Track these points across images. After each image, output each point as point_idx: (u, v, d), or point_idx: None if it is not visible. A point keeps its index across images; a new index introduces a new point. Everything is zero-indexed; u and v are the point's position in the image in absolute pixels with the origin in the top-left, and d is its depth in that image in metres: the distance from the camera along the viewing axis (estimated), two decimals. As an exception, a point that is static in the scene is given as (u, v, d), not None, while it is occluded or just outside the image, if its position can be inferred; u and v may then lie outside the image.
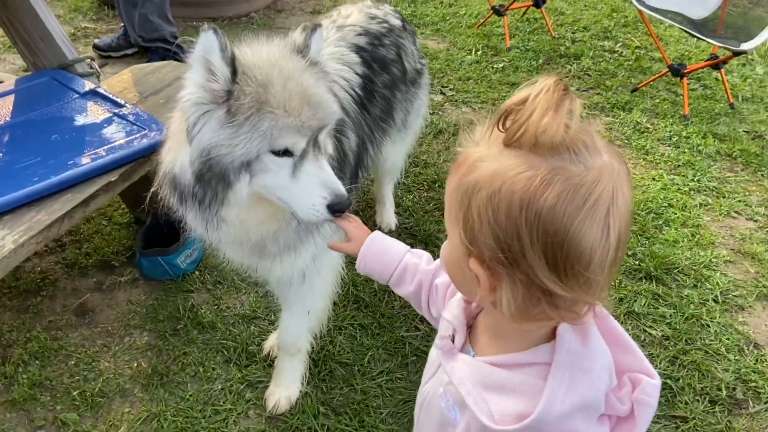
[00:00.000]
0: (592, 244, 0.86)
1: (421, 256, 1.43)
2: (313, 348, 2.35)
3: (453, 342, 1.11)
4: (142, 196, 2.91)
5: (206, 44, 1.50)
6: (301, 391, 2.29)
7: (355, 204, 3.32)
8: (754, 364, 2.54)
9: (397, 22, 2.51)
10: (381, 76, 2.28)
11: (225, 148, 1.55)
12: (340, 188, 1.59)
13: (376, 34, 2.35)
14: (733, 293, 2.86)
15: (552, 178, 0.85)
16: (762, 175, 3.68)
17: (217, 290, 2.71)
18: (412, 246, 1.48)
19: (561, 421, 0.92)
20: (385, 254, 1.43)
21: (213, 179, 1.60)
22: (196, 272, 2.78)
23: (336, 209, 1.57)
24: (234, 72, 1.51)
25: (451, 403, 1.08)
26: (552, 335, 0.99)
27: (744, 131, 4.06)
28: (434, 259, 1.41)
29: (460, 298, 1.15)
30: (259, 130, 1.52)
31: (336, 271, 2.20)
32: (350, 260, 2.88)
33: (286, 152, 1.57)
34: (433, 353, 1.18)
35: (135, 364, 2.38)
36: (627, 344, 1.04)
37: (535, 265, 0.87)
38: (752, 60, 5.00)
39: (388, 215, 3.04)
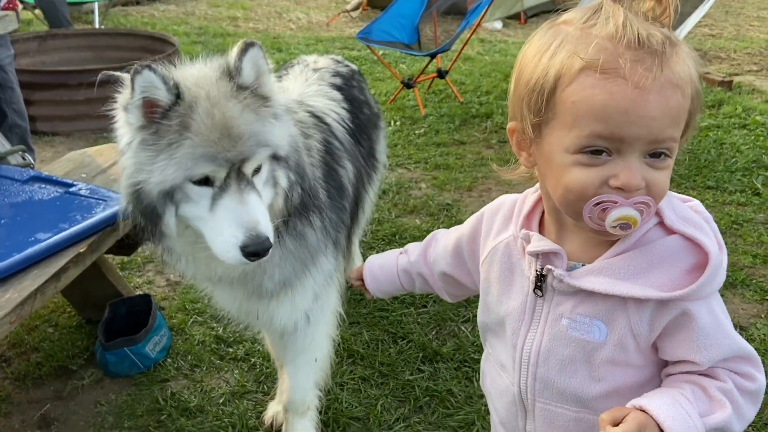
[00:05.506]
0: None
1: (407, 250, 1.43)
2: (319, 407, 2.16)
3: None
4: (91, 292, 2.69)
5: (145, 83, 1.41)
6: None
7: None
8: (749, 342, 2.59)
9: (354, 67, 2.55)
10: (360, 114, 2.27)
11: (144, 174, 1.45)
12: (259, 227, 1.41)
13: (346, 75, 2.37)
14: (703, 287, 2.95)
15: None
16: (685, 187, 3.94)
17: (196, 374, 2.47)
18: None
19: (720, 254, 0.96)
20: (383, 272, 1.44)
21: (145, 209, 1.50)
22: (168, 359, 2.53)
23: (249, 251, 1.39)
24: (178, 95, 1.44)
25: (588, 324, 1.00)
26: None
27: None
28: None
29: (535, 234, 1.08)
30: (175, 157, 1.42)
31: (336, 311, 2.07)
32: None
33: (207, 181, 1.45)
34: (515, 307, 1.09)
35: (121, 466, 2.09)
36: None
37: None
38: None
39: (359, 270, 2.93)
